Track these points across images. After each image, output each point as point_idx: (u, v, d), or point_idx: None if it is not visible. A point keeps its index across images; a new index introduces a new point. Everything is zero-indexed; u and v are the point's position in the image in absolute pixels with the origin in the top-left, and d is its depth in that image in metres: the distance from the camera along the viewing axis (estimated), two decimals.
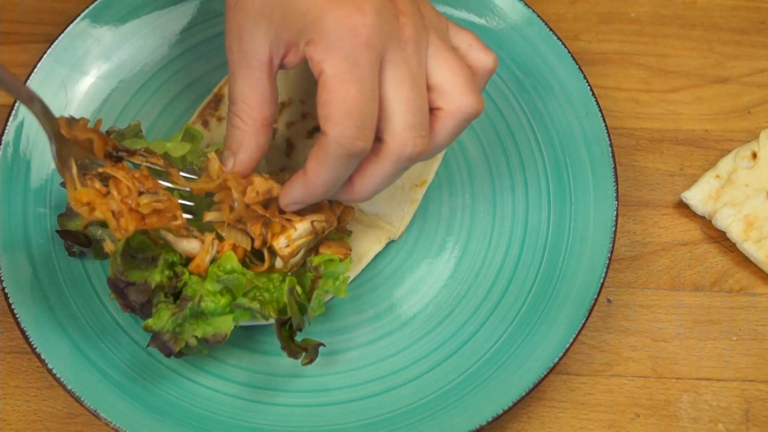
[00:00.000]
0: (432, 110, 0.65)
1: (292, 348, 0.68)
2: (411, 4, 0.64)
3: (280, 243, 0.70)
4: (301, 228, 0.70)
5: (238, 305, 0.68)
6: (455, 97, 0.64)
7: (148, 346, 0.68)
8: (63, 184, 0.74)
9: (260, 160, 0.69)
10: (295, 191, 0.67)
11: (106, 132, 0.73)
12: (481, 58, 0.67)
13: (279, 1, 0.63)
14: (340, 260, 0.72)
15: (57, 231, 0.73)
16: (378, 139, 0.63)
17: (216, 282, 0.69)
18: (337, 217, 0.72)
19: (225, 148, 0.69)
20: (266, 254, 0.71)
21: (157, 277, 0.69)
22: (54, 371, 0.70)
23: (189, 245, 0.69)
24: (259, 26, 0.64)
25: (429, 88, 0.64)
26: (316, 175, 0.64)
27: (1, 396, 0.75)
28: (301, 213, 0.71)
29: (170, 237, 0.69)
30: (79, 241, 0.72)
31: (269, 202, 0.70)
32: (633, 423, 0.76)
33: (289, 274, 0.71)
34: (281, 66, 0.67)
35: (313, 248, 0.72)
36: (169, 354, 0.68)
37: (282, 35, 0.64)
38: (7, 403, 0.75)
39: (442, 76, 0.64)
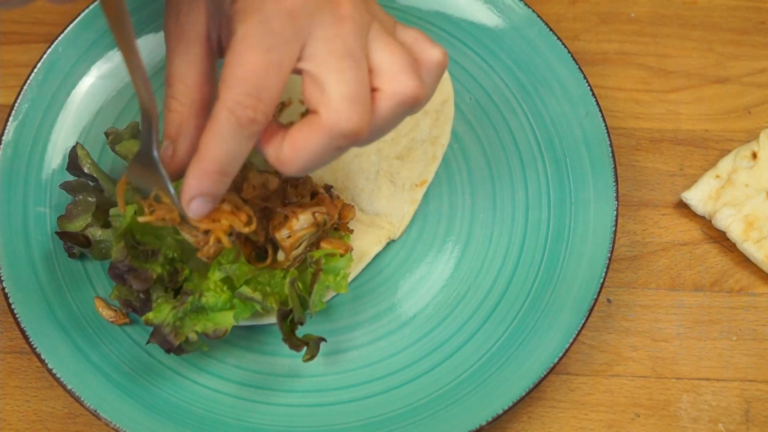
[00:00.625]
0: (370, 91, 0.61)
1: (293, 341, 0.69)
2: None
3: (282, 234, 0.70)
4: (303, 219, 0.70)
5: (240, 294, 0.69)
6: (393, 77, 0.60)
7: (148, 342, 0.68)
8: (63, 186, 0.74)
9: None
10: (189, 177, 0.60)
11: (105, 133, 0.73)
12: (428, 51, 0.63)
13: None
14: (341, 256, 0.72)
15: (57, 233, 0.73)
16: (313, 111, 0.59)
17: (218, 271, 0.69)
18: (338, 212, 0.73)
19: (164, 137, 0.64)
20: (269, 249, 0.71)
21: (158, 268, 0.69)
22: (54, 371, 0.70)
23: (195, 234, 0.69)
24: None
25: (368, 70, 0.60)
26: (206, 148, 0.58)
27: (1, 396, 0.75)
28: (302, 205, 0.71)
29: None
30: (78, 242, 0.72)
31: (268, 196, 0.71)
32: (633, 423, 0.76)
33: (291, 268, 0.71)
34: (220, 47, 0.63)
35: (314, 243, 0.72)
36: (169, 349, 0.68)
37: (216, 2, 0.60)
38: (7, 403, 0.75)
39: (381, 58, 0.60)
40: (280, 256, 0.71)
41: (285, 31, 0.57)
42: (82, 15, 0.81)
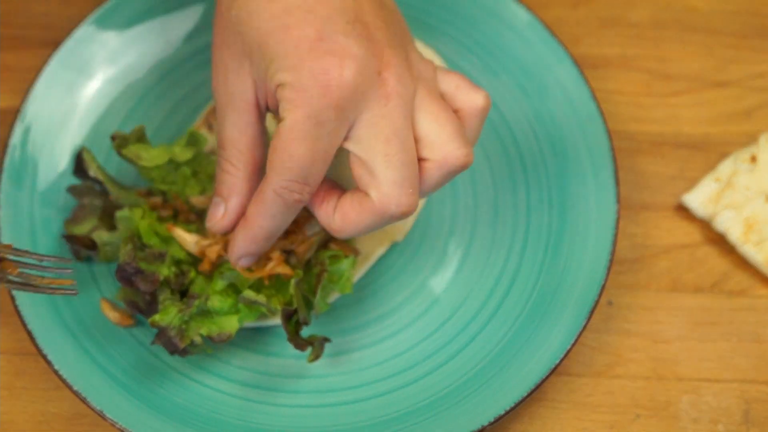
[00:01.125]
0: (418, 161, 0.63)
1: (298, 341, 0.69)
2: (398, 54, 0.62)
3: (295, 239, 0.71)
4: (315, 223, 0.71)
5: (244, 298, 0.69)
6: (441, 147, 0.61)
7: (152, 343, 0.69)
8: (70, 190, 0.75)
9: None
10: (239, 240, 0.66)
11: (111, 137, 0.74)
12: (470, 98, 0.64)
13: (258, 41, 0.61)
14: (345, 256, 0.72)
15: (63, 236, 0.73)
16: (365, 192, 0.62)
17: (220, 279, 0.70)
18: None
19: (215, 194, 0.68)
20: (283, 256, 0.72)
21: (164, 271, 0.70)
22: (60, 372, 0.70)
23: (198, 245, 0.70)
24: (244, 67, 0.63)
25: (415, 140, 0.62)
26: (255, 220, 0.64)
27: (8, 397, 0.75)
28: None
29: (179, 236, 0.70)
30: (85, 245, 0.73)
31: None
32: (634, 424, 0.76)
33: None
34: (269, 110, 0.65)
35: (322, 245, 0.73)
36: (174, 351, 0.68)
37: (263, 77, 0.62)
38: (13, 404, 0.75)
39: (428, 127, 0.61)
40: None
41: (332, 121, 0.59)
42: (88, 19, 0.81)
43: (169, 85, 0.83)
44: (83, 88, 0.81)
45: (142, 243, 0.71)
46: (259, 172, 0.66)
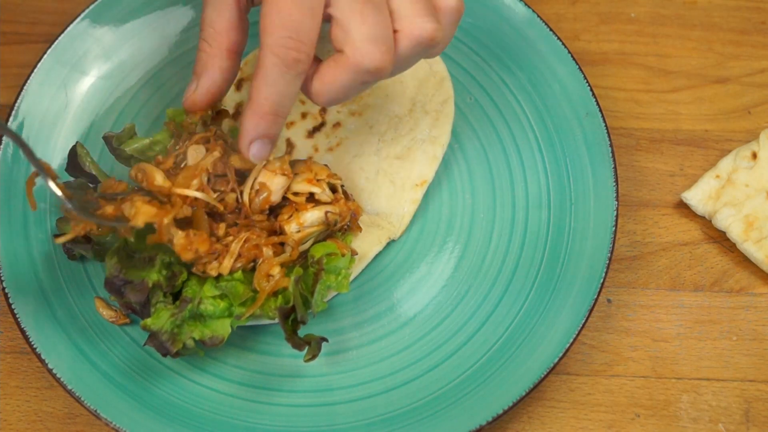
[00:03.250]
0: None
1: (296, 341, 0.69)
2: None
3: (291, 228, 0.70)
4: (314, 215, 0.70)
5: (239, 317, 0.69)
6: (411, 20, 0.64)
7: (144, 344, 0.68)
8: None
9: (224, 87, 0.69)
10: (247, 123, 0.66)
11: (103, 138, 0.73)
12: None
13: None
14: (342, 255, 0.72)
15: (56, 236, 0.73)
16: (339, 51, 0.64)
17: (214, 288, 0.69)
18: (350, 213, 0.73)
19: (193, 75, 0.70)
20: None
21: (154, 276, 0.69)
22: (54, 371, 0.70)
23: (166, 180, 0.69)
24: None
25: (389, 13, 0.65)
26: (258, 92, 0.65)
27: (2, 396, 0.75)
28: (317, 202, 0.71)
29: (147, 169, 0.69)
30: (78, 241, 0.72)
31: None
32: (633, 423, 0.76)
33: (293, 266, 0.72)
34: (254, 3, 0.68)
35: (321, 241, 0.72)
36: (165, 354, 0.68)
37: None
38: (7, 403, 0.75)
39: (400, 2, 0.65)
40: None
41: None
42: (81, 15, 0.81)
43: (163, 81, 0.82)
44: (77, 84, 0.80)
45: (131, 250, 0.70)
46: (234, 54, 0.68)
